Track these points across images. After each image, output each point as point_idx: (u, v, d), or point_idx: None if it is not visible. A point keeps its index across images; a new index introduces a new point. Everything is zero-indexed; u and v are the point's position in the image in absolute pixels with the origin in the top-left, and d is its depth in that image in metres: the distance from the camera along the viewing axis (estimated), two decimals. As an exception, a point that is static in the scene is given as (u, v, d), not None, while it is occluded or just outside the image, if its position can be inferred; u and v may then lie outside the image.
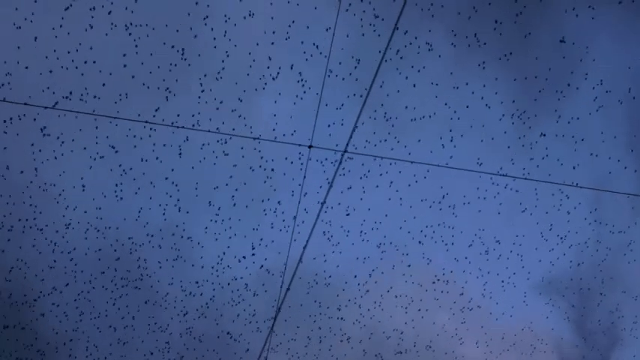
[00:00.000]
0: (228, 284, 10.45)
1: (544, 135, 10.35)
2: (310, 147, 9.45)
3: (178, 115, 9.45)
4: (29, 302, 10.17)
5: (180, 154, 9.71)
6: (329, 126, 9.46)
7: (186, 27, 9.10)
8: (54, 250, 10.05)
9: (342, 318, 10.75)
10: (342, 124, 9.41)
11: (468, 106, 10.02)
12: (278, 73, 9.40)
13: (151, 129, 9.41)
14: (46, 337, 10.39)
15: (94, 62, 9.17)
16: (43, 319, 10.29)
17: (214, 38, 9.18)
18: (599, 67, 10.33)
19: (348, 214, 10.14)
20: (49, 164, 9.57)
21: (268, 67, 9.38)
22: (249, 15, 9.07)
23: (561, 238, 10.83)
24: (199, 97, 9.46)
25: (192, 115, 9.47)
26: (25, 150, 9.50)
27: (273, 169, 9.89)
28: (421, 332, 10.96)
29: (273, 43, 9.28)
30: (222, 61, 9.31)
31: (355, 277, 10.60)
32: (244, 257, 10.31)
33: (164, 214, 10.04)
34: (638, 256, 11.02)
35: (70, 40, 9.10)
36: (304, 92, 9.43)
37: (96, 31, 9.09)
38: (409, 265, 10.68)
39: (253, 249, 10.28)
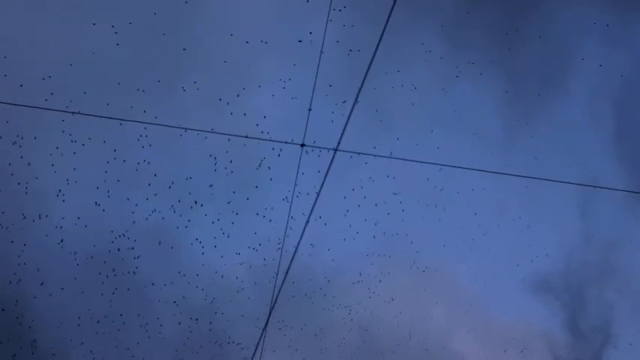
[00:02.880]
0: (221, 284, 10.43)
1: (536, 132, 10.43)
2: (302, 145, 9.46)
3: (169, 114, 9.46)
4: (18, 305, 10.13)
5: (170, 153, 9.72)
6: (321, 124, 9.49)
7: (178, 24, 9.12)
8: (45, 253, 9.99)
9: (336, 315, 10.76)
10: (333, 122, 9.44)
11: (459, 105, 10.10)
12: (271, 71, 9.44)
13: (143, 128, 9.41)
14: (38, 343, 10.33)
15: (83, 60, 9.18)
16: (34, 324, 10.25)
17: (206, 36, 9.21)
18: (590, 67, 10.43)
19: (340, 212, 10.19)
20: (42, 164, 9.56)
21: (260, 66, 9.42)
22: (243, 12, 9.11)
23: (554, 235, 10.89)
24: (190, 96, 9.48)
25: (183, 114, 9.48)
26: (17, 149, 9.49)
27: (265, 168, 9.91)
28: (414, 328, 10.97)
29: (265, 42, 9.31)
30: (214, 59, 9.33)
31: (349, 273, 10.63)
32: (237, 257, 10.32)
33: (155, 214, 10.02)
34: (631, 253, 11.07)
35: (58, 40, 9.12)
36: (296, 91, 9.47)
37: (84, 28, 9.12)
38: (403, 261, 10.71)
39: (246, 248, 10.29)
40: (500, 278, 11.06)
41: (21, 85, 9.08)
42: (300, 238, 9.75)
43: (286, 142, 9.53)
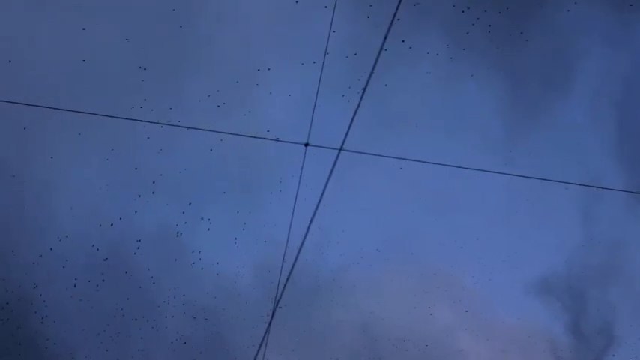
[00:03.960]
0: (224, 285, 10.41)
1: (537, 133, 10.43)
2: (306, 145, 9.43)
3: (171, 114, 9.42)
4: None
5: (173, 153, 9.69)
6: (325, 124, 9.47)
7: (181, 23, 9.09)
8: (45, 252, 9.94)
9: (338, 316, 10.75)
10: (338, 122, 9.41)
11: (462, 105, 10.09)
12: (273, 70, 9.41)
13: (145, 128, 9.38)
14: (39, 344, 10.28)
15: (85, 59, 9.15)
16: (34, 324, 10.20)
17: (209, 35, 9.19)
18: (591, 68, 10.45)
19: (344, 212, 10.17)
20: (41, 164, 9.52)
21: (263, 64, 9.40)
22: (243, 11, 9.10)
23: (555, 236, 10.88)
24: (191, 95, 9.46)
25: (186, 114, 9.45)
26: (15, 149, 9.45)
27: (268, 168, 9.90)
28: (416, 329, 10.96)
29: (268, 41, 9.30)
30: (217, 59, 9.32)
31: (352, 274, 10.62)
32: (239, 258, 10.29)
33: (158, 215, 10.01)
34: (632, 254, 11.06)
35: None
36: (300, 90, 9.46)
37: (85, 28, 9.09)
38: (405, 262, 10.70)
39: (249, 249, 10.27)
40: (502, 279, 11.05)
41: (21, 85, 9.05)
42: (304, 238, 9.72)
43: (290, 142, 9.51)
